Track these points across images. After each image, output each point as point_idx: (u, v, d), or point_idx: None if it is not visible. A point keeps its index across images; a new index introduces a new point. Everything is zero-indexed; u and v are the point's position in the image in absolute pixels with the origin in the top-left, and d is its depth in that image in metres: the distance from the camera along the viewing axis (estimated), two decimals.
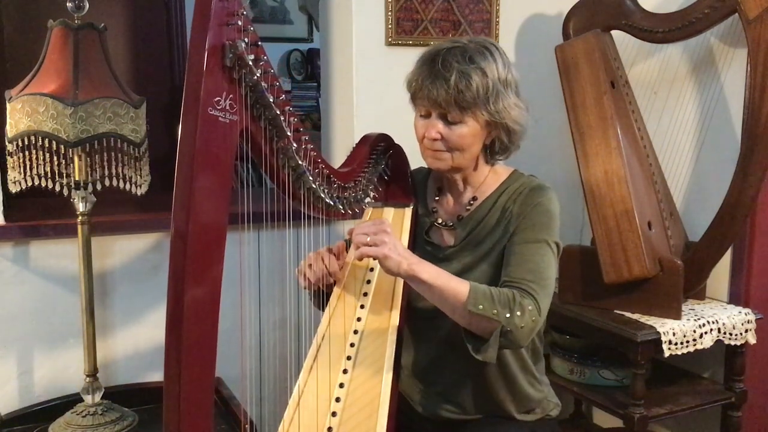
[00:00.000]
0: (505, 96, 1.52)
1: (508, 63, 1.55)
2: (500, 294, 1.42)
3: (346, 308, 1.60)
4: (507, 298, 1.42)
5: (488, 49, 1.52)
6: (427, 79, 1.50)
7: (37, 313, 1.99)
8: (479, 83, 1.48)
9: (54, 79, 1.70)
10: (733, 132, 2.16)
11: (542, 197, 1.55)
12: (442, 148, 1.54)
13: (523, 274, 1.47)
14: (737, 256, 2.20)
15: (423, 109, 1.55)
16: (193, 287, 1.15)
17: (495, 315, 1.39)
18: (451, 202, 1.68)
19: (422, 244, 1.68)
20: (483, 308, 1.39)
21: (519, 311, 1.40)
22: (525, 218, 1.54)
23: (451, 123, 1.52)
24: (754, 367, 2.17)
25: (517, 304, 1.41)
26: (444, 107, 1.50)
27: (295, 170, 1.41)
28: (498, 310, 1.39)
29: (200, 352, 1.17)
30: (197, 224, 1.15)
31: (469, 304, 1.39)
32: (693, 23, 2.05)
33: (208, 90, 1.15)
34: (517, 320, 1.40)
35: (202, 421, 1.19)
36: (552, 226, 1.54)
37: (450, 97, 1.48)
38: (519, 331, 1.40)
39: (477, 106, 1.49)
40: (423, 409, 1.68)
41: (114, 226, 2.04)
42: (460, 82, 1.47)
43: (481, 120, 1.52)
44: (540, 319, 1.45)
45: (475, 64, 1.48)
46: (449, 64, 1.48)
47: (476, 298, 1.39)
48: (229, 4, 1.16)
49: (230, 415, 1.89)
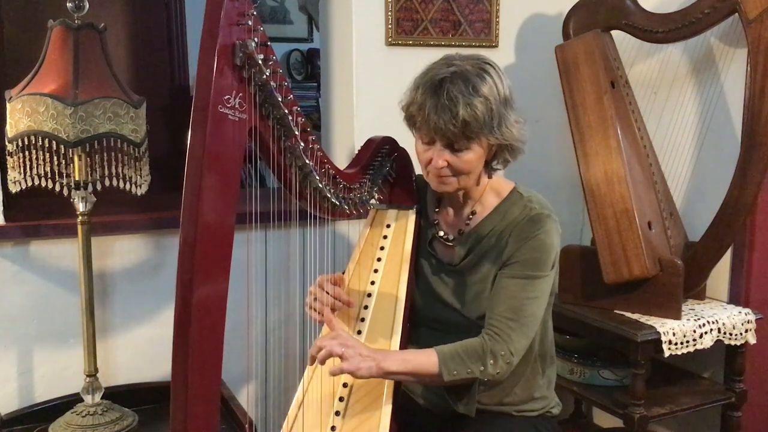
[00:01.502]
0: (506, 117, 1.52)
1: (503, 78, 1.54)
2: (468, 350, 1.48)
3: (350, 310, 1.60)
4: (477, 352, 1.48)
5: (485, 70, 1.51)
6: (432, 110, 1.47)
7: (37, 313, 1.99)
8: (484, 111, 1.47)
9: (54, 79, 1.69)
10: (733, 132, 2.16)
11: (539, 230, 1.54)
12: (449, 174, 1.55)
13: (504, 312, 1.52)
14: (737, 256, 2.21)
15: (426, 137, 1.54)
16: (201, 286, 1.16)
17: (469, 374, 1.46)
18: (451, 215, 1.69)
19: (428, 255, 1.69)
20: (457, 372, 1.46)
21: (491, 360, 1.48)
22: (519, 251, 1.54)
23: (457, 150, 1.52)
24: (754, 367, 2.17)
25: (488, 353, 1.48)
26: (451, 138, 1.50)
27: (302, 170, 1.42)
28: (471, 368, 1.47)
29: (207, 351, 1.18)
30: (205, 221, 1.15)
31: (444, 375, 1.45)
32: (693, 23, 2.05)
33: (218, 88, 1.16)
34: (491, 369, 1.48)
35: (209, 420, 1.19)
36: (544, 260, 1.54)
37: (458, 130, 1.47)
38: (496, 377, 1.50)
39: (483, 134, 1.49)
40: (425, 401, 1.69)
41: (114, 226, 2.03)
42: (466, 113, 1.46)
43: (485, 144, 1.52)
44: (514, 359, 1.51)
45: (479, 92, 1.47)
46: (454, 96, 1.46)
47: (447, 367, 1.46)
48: (239, 4, 1.17)
49: (230, 415, 1.89)
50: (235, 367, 1.86)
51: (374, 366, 1.41)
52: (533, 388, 1.66)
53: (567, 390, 2.18)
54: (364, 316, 1.59)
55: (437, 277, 1.66)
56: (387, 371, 1.43)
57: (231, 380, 2.01)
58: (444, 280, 1.65)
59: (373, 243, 1.69)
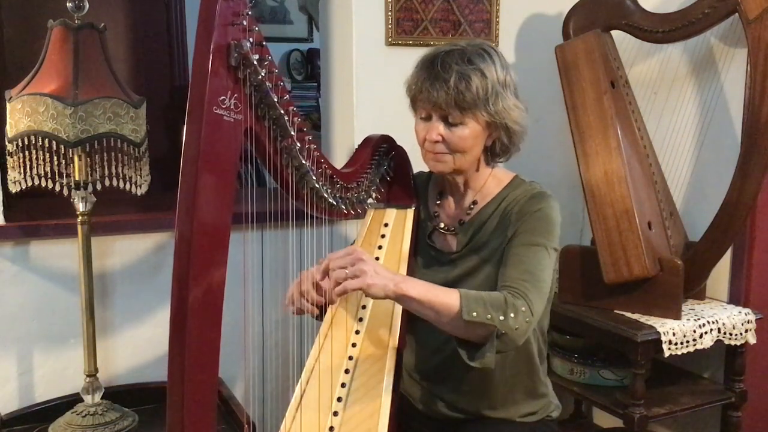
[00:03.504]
0: (504, 97, 1.52)
1: (506, 65, 1.56)
2: (492, 298, 1.41)
3: (348, 309, 1.60)
4: (499, 301, 1.40)
5: (486, 51, 1.54)
6: (426, 81, 1.51)
7: (37, 313, 1.99)
8: (478, 84, 1.48)
9: (54, 79, 1.69)
10: (733, 132, 2.16)
11: (543, 204, 1.55)
12: (444, 150, 1.55)
13: (518, 275, 1.47)
14: (737, 256, 2.20)
15: (423, 111, 1.56)
16: (196, 287, 1.15)
17: (489, 320, 1.37)
18: (452, 206, 1.69)
19: (426, 249, 1.68)
20: (477, 315, 1.37)
21: (512, 313, 1.39)
22: (524, 222, 1.54)
23: (452, 125, 1.52)
24: (754, 367, 2.17)
25: (510, 306, 1.40)
26: (444, 109, 1.51)
27: (298, 170, 1.42)
28: (492, 314, 1.38)
29: (204, 352, 1.17)
30: (201, 223, 1.15)
31: (463, 314, 1.37)
32: (693, 23, 2.05)
33: (213, 89, 1.15)
34: (511, 322, 1.39)
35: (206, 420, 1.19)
36: (551, 231, 1.54)
37: (450, 98, 1.48)
38: (513, 332, 1.39)
39: (477, 107, 1.50)
40: (424, 407, 1.69)
41: (114, 226, 2.03)
42: (459, 83, 1.47)
43: (482, 121, 1.52)
44: (533, 320, 1.44)
45: (474, 66, 1.49)
46: (448, 65, 1.49)
47: (469, 306, 1.37)
48: (234, 3, 1.17)
49: (230, 415, 1.89)
50: (233, 368, 1.86)
51: (390, 285, 1.35)
52: (534, 384, 1.66)
53: (567, 390, 2.18)
54: (362, 316, 1.59)
55: (435, 267, 1.65)
56: (405, 294, 1.36)
57: (229, 380, 2.01)
58: (443, 270, 1.64)
59: (371, 242, 1.68)
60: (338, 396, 1.45)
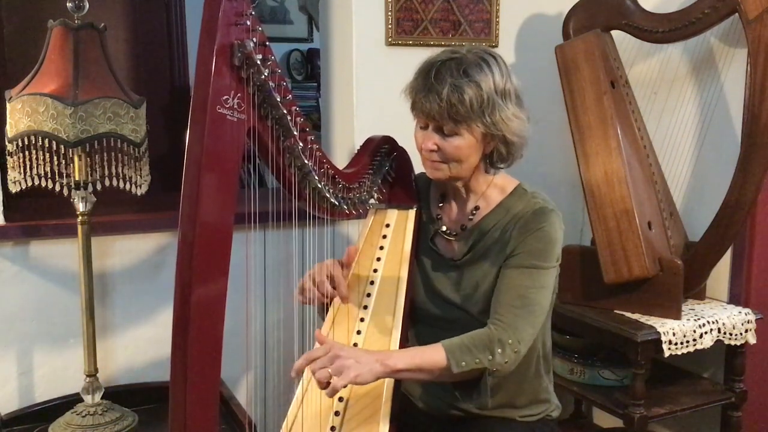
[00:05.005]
0: (502, 107, 1.50)
1: (507, 73, 1.53)
2: (475, 340, 1.45)
3: (349, 309, 1.60)
4: (483, 342, 1.44)
5: (485, 60, 1.51)
6: (421, 92, 1.50)
7: (37, 313, 1.99)
8: (472, 96, 1.47)
9: (54, 79, 1.69)
10: (733, 132, 2.16)
11: (544, 222, 1.54)
12: (439, 159, 1.55)
13: (509, 300, 1.50)
14: (737, 256, 2.21)
15: (421, 120, 1.56)
16: (199, 287, 1.15)
17: (478, 363, 1.42)
18: (454, 210, 1.68)
19: (428, 251, 1.68)
20: (466, 364, 1.42)
21: (499, 348, 1.44)
22: (523, 242, 1.54)
23: (447, 135, 1.52)
24: (754, 367, 2.17)
25: (495, 342, 1.44)
26: (438, 120, 1.50)
27: (300, 170, 1.42)
28: (479, 357, 1.42)
29: (206, 352, 1.18)
30: (204, 222, 1.15)
31: (452, 367, 1.41)
32: (693, 23, 2.05)
33: (216, 88, 1.16)
34: (498, 358, 1.44)
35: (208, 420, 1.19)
36: (549, 251, 1.54)
37: (443, 111, 1.47)
38: (503, 366, 1.45)
39: (471, 119, 1.49)
40: (424, 405, 1.69)
41: (114, 226, 2.03)
42: (452, 95, 1.46)
43: (477, 132, 1.51)
44: (522, 348, 1.48)
45: (469, 78, 1.47)
46: (442, 77, 1.47)
47: (456, 359, 1.42)
48: (237, 4, 1.17)
49: (230, 415, 1.89)
50: (234, 368, 1.86)
51: (377, 366, 1.36)
52: (538, 389, 1.66)
53: (567, 390, 2.18)
54: (364, 316, 1.59)
55: (438, 272, 1.65)
56: (394, 369, 1.38)
57: (230, 380, 2.01)
58: (445, 275, 1.64)
59: (373, 243, 1.69)
60: (339, 396, 1.45)
